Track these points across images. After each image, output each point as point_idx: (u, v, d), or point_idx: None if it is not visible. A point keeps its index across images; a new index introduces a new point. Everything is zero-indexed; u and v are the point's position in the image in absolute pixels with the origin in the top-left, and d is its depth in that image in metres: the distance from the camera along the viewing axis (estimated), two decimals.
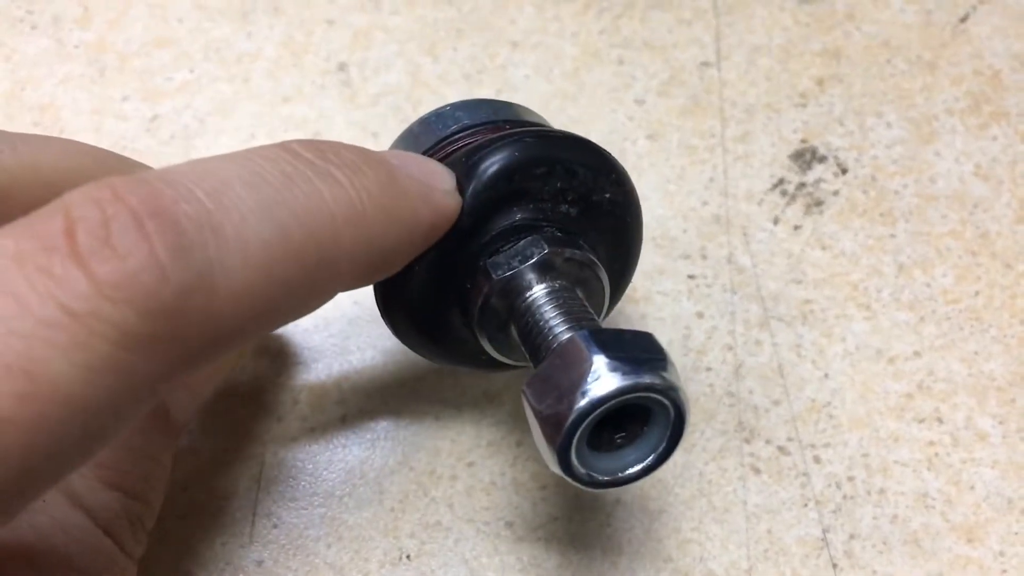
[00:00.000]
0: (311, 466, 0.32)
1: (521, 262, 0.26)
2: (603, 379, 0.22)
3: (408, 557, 0.31)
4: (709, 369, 0.35)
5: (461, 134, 0.28)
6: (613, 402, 0.22)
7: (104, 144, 0.39)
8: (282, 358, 0.34)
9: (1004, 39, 0.42)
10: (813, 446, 0.33)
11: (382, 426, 0.33)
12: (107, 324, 0.16)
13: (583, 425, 0.22)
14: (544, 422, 0.23)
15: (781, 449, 0.33)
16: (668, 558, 0.31)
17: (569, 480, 0.23)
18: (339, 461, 0.33)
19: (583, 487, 0.24)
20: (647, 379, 0.22)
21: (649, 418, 0.24)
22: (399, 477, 0.32)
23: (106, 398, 0.17)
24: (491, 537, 0.31)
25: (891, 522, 0.32)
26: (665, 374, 0.23)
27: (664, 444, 0.24)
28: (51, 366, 0.16)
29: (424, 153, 0.28)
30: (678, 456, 0.33)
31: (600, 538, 0.32)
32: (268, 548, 0.31)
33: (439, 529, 0.32)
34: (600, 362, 0.22)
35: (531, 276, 0.26)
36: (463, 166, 0.26)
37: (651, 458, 0.24)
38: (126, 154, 0.38)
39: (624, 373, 0.22)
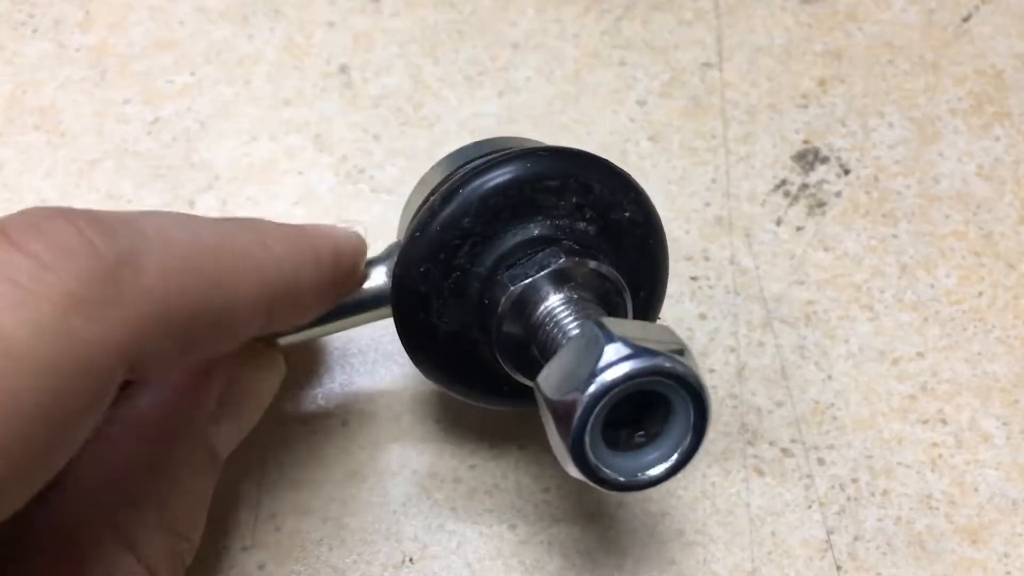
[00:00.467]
0: (313, 470, 0.32)
1: (537, 271, 0.25)
2: (616, 362, 0.21)
3: (411, 560, 0.31)
4: (712, 371, 0.34)
5: (479, 159, 0.29)
6: (626, 386, 0.21)
7: (105, 147, 0.39)
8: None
9: (1007, 39, 0.42)
10: (817, 448, 0.33)
11: (384, 429, 0.33)
12: (49, 288, 0.18)
13: (595, 411, 0.21)
14: (556, 411, 0.22)
15: (784, 451, 0.33)
16: (672, 561, 0.31)
17: (587, 480, 0.22)
18: (341, 464, 0.33)
19: (603, 488, 0.23)
20: (661, 362, 0.21)
21: (669, 414, 0.23)
22: (401, 480, 0.32)
23: (57, 356, 0.18)
24: (494, 540, 0.31)
25: (895, 524, 0.32)
26: (681, 359, 0.22)
27: (688, 440, 0.23)
28: (2, 326, 0.17)
29: (444, 177, 0.29)
30: None
31: (603, 541, 0.31)
32: (270, 551, 0.31)
33: (442, 532, 0.32)
34: (613, 347, 0.22)
35: (548, 286, 0.25)
36: (475, 176, 0.26)
37: (676, 456, 0.23)
38: (127, 157, 0.38)
39: (638, 357, 0.21)
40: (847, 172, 0.39)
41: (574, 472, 0.22)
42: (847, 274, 0.36)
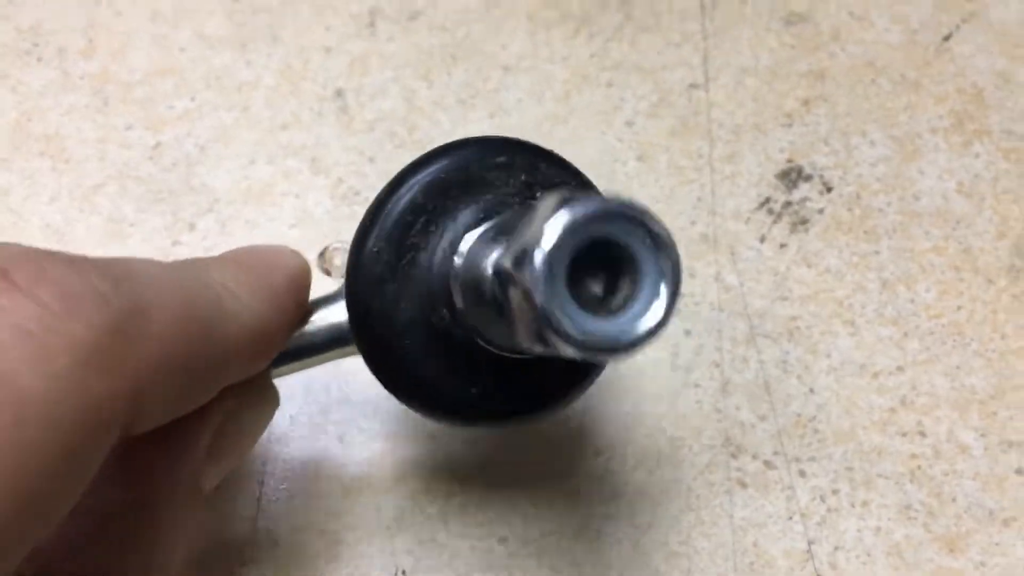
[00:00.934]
0: (309, 485, 0.33)
1: (487, 218, 0.25)
2: (569, 208, 0.20)
3: (404, 573, 0.32)
4: (697, 386, 0.35)
5: None
6: (583, 231, 0.20)
7: (108, 172, 0.40)
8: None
9: (987, 57, 0.43)
10: (798, 460, 0.34)
11: (378, 444, 0.34)
12: (62, 337, 0.17)
13: (557, 259, 0.20)
14: (516, 273, 0.20)
15: (767, 463, 0.34)
16: (657, 572, 0.32)
17: (566, 347, 0.20)
18: (336, 480, 0.34)
19: (585, 353, 0.20)
20: (615, 205, 0.20)
21: (639, 273, 0.21)
22: (395, 495, 0.33)
23: (71, 411, 0.17)
24: (485, 553, 0.32)
25: (874, 534, 0.33)
26: (638, 204, 0.20)
27: (665, 290, 0.21)
28: (18, 377, 0.17)
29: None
30: (666, 472, 0.34)
31: (591, 553, 0.32)
32: (267, 566, 0.32)
33: (434, 546, 0.33)
34: (567, 200, 0.20)
35: (501, 237, 0.24)
36: (423, 162, 0.27)
37: (654, 307, 0.21)
38: (129, 181, 0.40)
39: (590, 201, 0.20)
40: (830, 190, 0.40)
41: (552, 341, 0.20)
42: (829, 290, 0.37)
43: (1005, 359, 0.36)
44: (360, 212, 0.39)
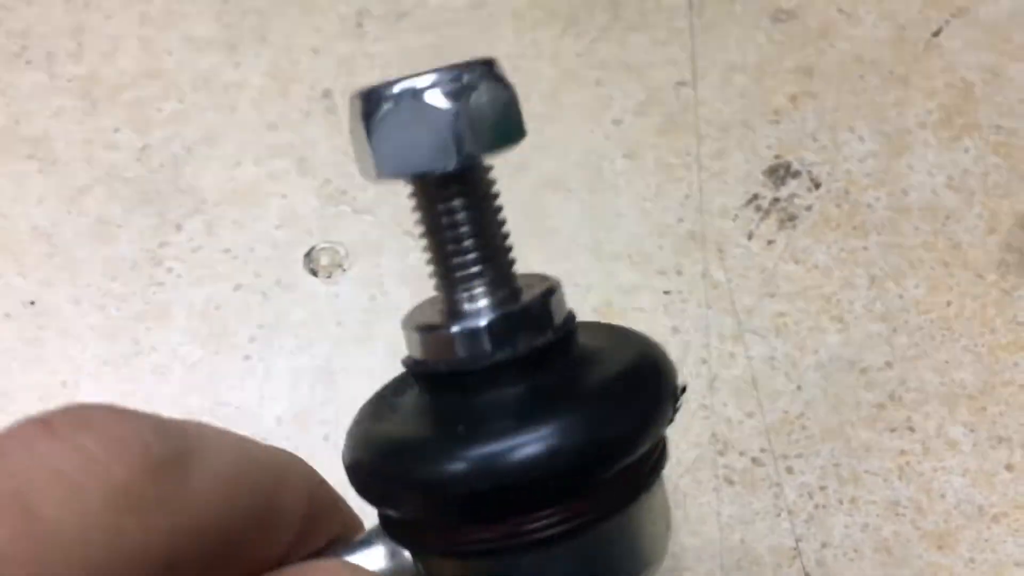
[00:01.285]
0: None
1: None
2: None
3: None
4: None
5: None
6: None
7: (96, 174, 0.40)
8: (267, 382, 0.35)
9: (975, 52, 0.43)
10: (786, 457, 0.34)
11: None
12: (98, 480, 0.17)
13: None
14: None
15: (754, 460, 0.34)
16: None
17: None
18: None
19: None
20: None
21: None
22: None
23: (106, 561, 0.16)
24: None
25: (862, 531, 0.33)
26: None
27: None
28: (44, 510, 0.16)
29: None
30: None
31: None
32: None
33: None
34: None
35: None
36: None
37: None
38: (117, 183, 0.40)
39: None
40: (818, 186, 0.40)
41: None
42: (817, 286, 0.37)
43: (994, 354, 0.36)
44: (347, 212, 0.39)
